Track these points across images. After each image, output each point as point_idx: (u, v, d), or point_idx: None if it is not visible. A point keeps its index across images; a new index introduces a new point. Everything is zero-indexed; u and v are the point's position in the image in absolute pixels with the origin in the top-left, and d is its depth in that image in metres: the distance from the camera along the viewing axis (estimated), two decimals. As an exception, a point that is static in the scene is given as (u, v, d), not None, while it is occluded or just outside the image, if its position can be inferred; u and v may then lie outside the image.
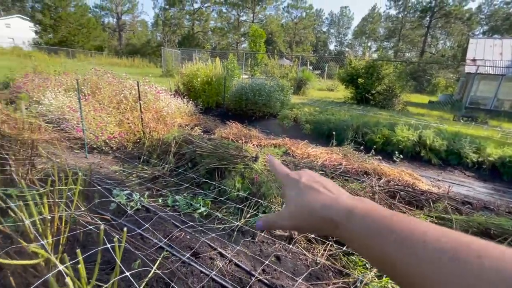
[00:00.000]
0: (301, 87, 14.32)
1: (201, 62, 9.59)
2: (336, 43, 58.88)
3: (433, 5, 37.61)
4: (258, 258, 2.36)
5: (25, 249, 1.40)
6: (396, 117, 7.35)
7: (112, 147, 4.68)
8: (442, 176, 4.66)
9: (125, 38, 50.07)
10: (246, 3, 44.88)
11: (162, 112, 6.01)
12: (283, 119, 7.19)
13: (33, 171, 2.71)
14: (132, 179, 3.46)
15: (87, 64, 19.55)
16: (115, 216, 2.56)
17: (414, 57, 41.61)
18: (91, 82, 7.11)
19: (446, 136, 5.31)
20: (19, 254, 1.45)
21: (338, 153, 4.63)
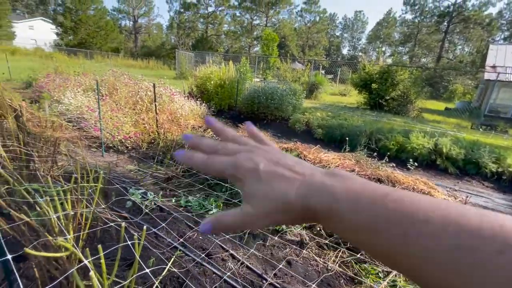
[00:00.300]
0: (313, 91, 14.27)
1: (214, 65, 9.73)
2: (349, 48, 58.38)
3: (451, 10, 36.71)
4: (269, 262, 2.37)
5: (50, 242, 1.46)
6: (411, 124, 7.20)
7: (127, 147, 4.81)
8: (459, 186, 4.52)
9: (141, 41, 51.42)
10: (260, 7, 45.24)
11: (176, 114, 6.13)
12: (295, 123, 7.18)
13: (54, 167, 2.82)
14: (147, 178, 3.54)
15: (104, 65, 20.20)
16: (130, 214, 2.63)
17: (430, 63, 40.66)
18: (109, 83, 7.35)
19: (463, 145, 5.15)
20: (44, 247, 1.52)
21: (351, 159, 4.58)
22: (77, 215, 1.65)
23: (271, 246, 2.61)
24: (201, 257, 2.07)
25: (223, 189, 3.52)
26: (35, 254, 0.99)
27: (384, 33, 49.48)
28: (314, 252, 2.57)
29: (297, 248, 2.60)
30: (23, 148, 2.21)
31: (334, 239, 2.70)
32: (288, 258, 2.42)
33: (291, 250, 2.57)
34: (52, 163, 2.76)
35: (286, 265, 2.36)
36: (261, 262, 2.34)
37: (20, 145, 2.26)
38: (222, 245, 2.36)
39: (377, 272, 2.30)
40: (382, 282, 2.16)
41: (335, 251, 2.56)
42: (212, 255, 2.21)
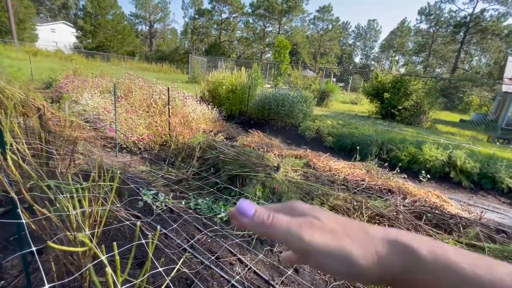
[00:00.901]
0: (324, 99, 14.22)
1: (227, 71, 9.87)
2: (361, 56, 58.03)
3: (468, 21, 36.07)
4: (276, 268, 2.37)
5: (67, 237, 1.52)
6: (424, 135, 7.06)
7: (140, 148, 4.93)
8: (473, 200, 4.39)
9: (155, 45, 52.77)
10: (273, 15, 45.73)
11: (188, 117, 6.24)
12: (305, 130, 7.17)
13: (71, 166, 2.93)
14: (158, 180, 3.62)
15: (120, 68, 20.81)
16: (141, 214, 2.69)
17: (445, 73, 39.87)
18: (124, 85, 7.58)
19: (479, 158, 5.01)
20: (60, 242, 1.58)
21: (361, 169, 4.53)
22: (93, 213, 1.71)
23: (278, 253, 2.60)
24: (210, 260, 2.10)
25: (232, 193, 3.55)
26: (57, 248, 1.04)
27: (398, 42, 48.99)
28: (322, 261, 2.56)
29: (304, 256, 2.59)
30: (44, 146, 2.31)
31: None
32: (296, 265, 2.41)
33: (298, 257, 2.56)
34: (70, 161, 2.86)
35: (293, 272, 2.35)
36: (268, 268, 2.34)
37: (42, 143, 2.37)
38: (230, 249, 2.38)
39: (386, 285, 2.26)
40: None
41: (343, 261, 2.54)
42: (220, 258, 2.23)
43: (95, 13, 37.31)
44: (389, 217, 2.91)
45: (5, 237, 2.20)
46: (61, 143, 2.92)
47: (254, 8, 46.81)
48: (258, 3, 45.86)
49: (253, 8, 46.93)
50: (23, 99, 3.28)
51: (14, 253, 2.04)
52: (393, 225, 2.81)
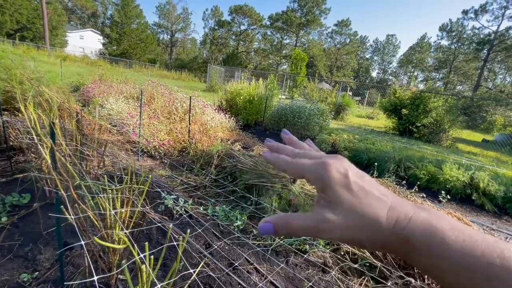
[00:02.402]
0: (340, 112, 14.17)
1: (245, 81, 10.11)
2: (379, 71, 57.53)
3: (492, 38, 35.17)
4: (291, 280, 2.38)
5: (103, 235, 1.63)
6: (444, 154, 6.88)
7: (160, 153, 5.11)
8: (497, 225, 4.22)
9: (175, 53, 54.75)
10: (291, 28, 46.51)
11: (206, 125, 6.42)
12: (321, 144, 7.17)
13: (100, 167, 3.10)
14: (178, 185, 3.74)
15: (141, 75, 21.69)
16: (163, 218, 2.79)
17: (467, 91, 38.72)
18: (147, 92, 7.92)
19: (503, 181, 4.83)
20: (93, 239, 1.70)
21: (378, 185, 4.47)
22: (125, 214, 1.82)
23: (293, 265, 2.62)
24: (232, 266, 2.15)
25: (248, 202, 3.61)
26: (102, 244, 1.13)
27: (417, 58, 48.31)
28: (337, 277, 2.54)
29: (319, 270, 2.58)
30: (80, 147, 2.49)
31: (358, 267, 2.65)
32: (312, 279, 2.42)
33: (314, 271, 2.56)
34: (99, 163, 3.04)
35: (310, 285, 2.35)
36: (283, 279, 2.36)
37: (77, 145, 2.55)
38: (247, 258, 2.42)
39: (404, 306, 2.21)
40: (409, 318, 2.07)
41: (360, 278, 2.51)
42: (237, 266, 2.28)
43: (121, 22, 39.42)
44: (407, 237, 2.86)
45: (38, 231, 2.35)
46: (93, 145, 3.11)
47: (273, 20, 47.83)
48: (277, 16, 46.87)
49: (272, 20, 47.97)
50: (60, 103, 3.53)
51: (47, 246, 2.18)
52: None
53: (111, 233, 1.57)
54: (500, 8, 33.80)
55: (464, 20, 38.23)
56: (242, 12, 47.43)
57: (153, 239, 2.16)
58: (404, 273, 2.54)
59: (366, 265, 2.67)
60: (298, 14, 45.59)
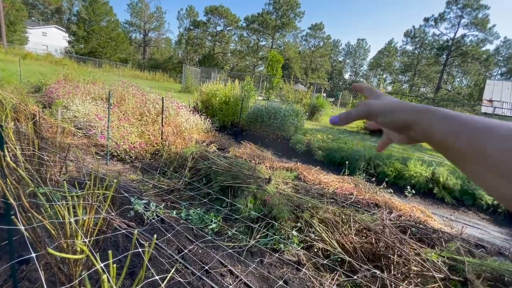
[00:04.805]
0: (315, 113, 14.56)
1: (220, 82, 10.03)
2: (351, 73, 60.01)
3: (450, 44, 38.25)
4: (266, 280, 2.39)
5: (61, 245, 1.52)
6: (409, 152, 7.34)
7: (131, 156, 4.90)
8: (455, 216, 4.57)
9: (149, 53, 52.91)
10: (267, 30, 47.01)
11: (181, 127, 6.27)
12: (296, 144, 7.31)
13: (62, 173, 2.90)
14: (150, 189, 3.61)
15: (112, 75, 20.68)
16: (132, 223, 2.67)
17: (430, 93, 41.69)
18: (117, 93, 7.56)
19: (460, 175, 5.26)
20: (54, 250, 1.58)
21: (350, 183, 4.66)
22: (87, 221, 1.72)
23: (268, 265, 2.63)
24: (202, 270, 2.11)
25: (223, 204, 3.58)
26: (56, 255, 1.06)
27: (385, 62, 51.10)
28: (311, 273, 2.59)
29: (294, 268, 2.63)
30: (38, 152, 2.31)
31: (331, 261, 2.73)
32: (285, 277, 2.45)
33: (288, 269, 2.60)
34: (61, 168, 2.84)
35: (283, 284, 2.38)
36: (258, 280, 2.36)
37: (35, 150, 2.36)
38: (221, 260, 2.39)
39: (372, 297, 2.32)
40: (377, 308, 2.18)
41: (332, 273, 2.59)
42: (211, 269, 2.25)
43: (89, 19, 37.28)
44: (375, 231, 3.00)
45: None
46: (53, 150, 2.90)
47: (249, 22, 48.03)
48: (253, 18, 47.15)
49: (248, 22, 48.16)
50: (15, 104, 3.26)
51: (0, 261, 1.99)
52: (379, 239, 2.90)
53: (71, 242, 1.47)
54: (456, 17, 36.93)
55: (426, 27, 41.23)
56: (218, 13, 47.07)
57: (120, 247, 2.06)
58: (372, 266, 2.67)
59: (338, 260, 2.76)
60: (273, 16, 46.22)
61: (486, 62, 37.20)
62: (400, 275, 2.54)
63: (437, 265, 2.62)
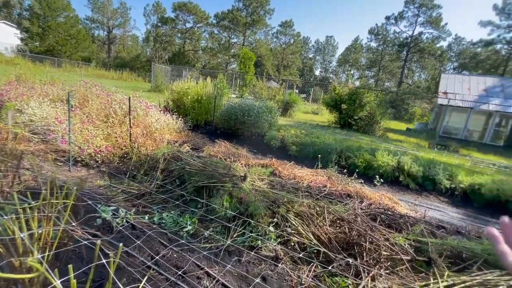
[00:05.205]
0: (288, 109, 14.80)
1: (192, 80, 9.78)
2: (321, 69, 61.80)
3: (409, 41, 40.98)
4: (244, 278, 2.38)
5: (12, 263, 1.37)
6: (377, 143, 7.75)
7: (97, 161, 4.60)
8: (419, 201, 4.92)
9: (114, 51, 50.01)
10: (238, 27, 46.69)
11: (151, 128, 6.01)
12: (271, 140, 7.37)
13: (16, 183, 2.63)
14: (118, 194, 3.41)
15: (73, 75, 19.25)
16: (100, 232, 2.50)
17: (393, 87, 44.41)
18: (79, 93, 7.04)
19: (422, 163, 5.66)
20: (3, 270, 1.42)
21: (323, 176, 4.80)
22: (44, 234, 1.57)
23: (246, 263, 2.62)
24: (176, 276, 2.04)
25: (198, 206, 3.50)
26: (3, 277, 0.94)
27: (352, 58, 53.34)
28: (289, 267, 2.63)
29: (272, 264, 2.64)
30: (-18, 162, 2.06)
31: (307, 254, 2.79)
32: (263, 274, 2.45)
33: (266, 265, 2.60)
34: (14, 178, 2.57)
35: (261, 281, 2.38)
36: (236, 279, 2.34)
37: (-21, 159, 2.11)
38: (197, 263, 2.33)
39: (347, 285, 2.41)
40: (352, 294, 2.26)
41: (309, 265, 2.64)
42: (186, 273, 2.18)
43: (44, 14, 34.21)
44: (348, 220, 3.12)
45: None
46: (3, 158, 2.62)
47: (219, 19, 47.33)
48: (223, 14, 46.53)
49: (218, 19, 47.44)
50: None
51: None
52: (352, 228, 3.02)
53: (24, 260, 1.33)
54: (414, 16, 39.63)
55: (387, 25, 43.70)
56: (186, 9, 45.70)
57: (85, 258, 1.92)
58: (346, 254, 2.77)
59: (314, 252, 2.82)
60: (244, 13, 45.99)
61: (440, 58, 40.48)
62: (372, 261, 2.67)
63: (404, 248, 2.80)
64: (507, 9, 30.60)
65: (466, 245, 2.87)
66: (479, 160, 7.85)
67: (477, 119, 13.72)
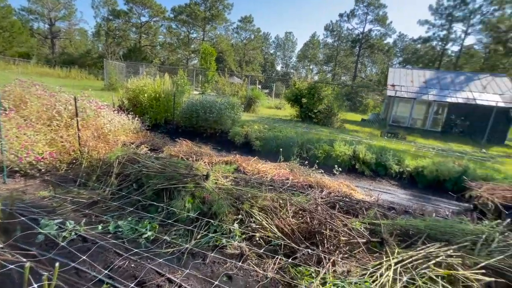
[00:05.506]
0: (251, 105, 14.85)
1: (148, 77, 9.24)
2: (282, 65, 63.07)
3: (360, 38, 43.91)
4: (209, 280, 2.33)
5: None
6: (335, 134, 8.19)
7: (40, 170, 4.11)
8: (373, 186, 5.33)
9: (60, 47, 45.02)
10: (197, 21, 45.25)
11: (103, 130, 5.56)
12: (234, 136, 7.33)
13: None
14: (66, 205, 3.09)
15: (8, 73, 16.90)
16: (42, 250, 2.24)
17: (349, 81, 47.29)
18: (14, 94, 6.20)
19: (375, 151, 6.13)
20: None
21: (286, 168, 4.92)
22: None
23: (211, 263, 2.57)
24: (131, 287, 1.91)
25: (158, 209, 3.33)
26: None
27: (311, 54, 55.38)
28: (254, 263, 2.64)
29: (238, 261, 2.63)
30: None
31: (272, 247, 2.84)
32: (229, 272, 2.44)
33: (231, 264, 2.59)
34: None
35: (226, 280, 2.36)
36: (200, 281, 2.29)
37: None
38: (157, 270, 2.22)
39: (310, 273, 2.50)
40: (314, 282, 2.36)
41: (273, 258, 2.69)
42: (146, 282, 2.06)
43: (-36, 3, 29.32)
44: (310, 210, 3.24)
45: None
46: None
47: (176, 13, 45.36)
48: (180, 8, 44.69)
49: (175, 13, 45.44)
50: None
51: None
52: (313, 217, 3.15)
53: None
54: (364, 14, 42.52)
55: (341, 22, 46.18)
56: (140, 2, 42.77)
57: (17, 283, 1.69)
58: (309, 243, 2.88)
59: (278, 245, 2.88)
60: (202, 8, 44.68)
61: (388, 53, 44.20)
62: (332, 247, 2.82)
63: (360, 232, 3.00)
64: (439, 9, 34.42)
65: (412, 223, 3.18)
66: (422, 145, 8.78)
67: (420, 108, 15.31)
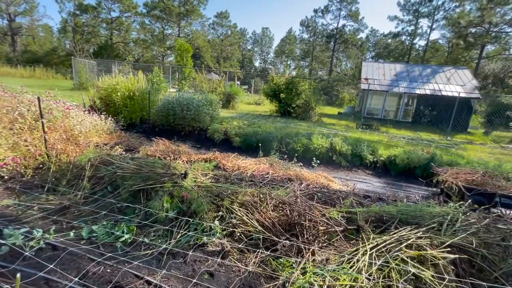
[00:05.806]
0: (230, 101, 14.75)
1: (121, 75, 8.85)
2: (260, 61, 63.11)
3: (335, 33, 44.99)
4: (191, 279, 2.31)
5: None
6: (313, 128, 8.37)
7: (2, 177, 3.82)
8: (349, 176, 5.53)
9: (22, 44, 41.73)
10: (171, 17, 43.87)
11: (73, 131, 5.26)
12: (214, 133, 7.26)
13: None
14: (33, 212, 2.90)
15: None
16: (7, 262, 2.09)
17: (325, 75, 48.39)
18: (-33, 96, 5.68)
19: (350, 142, 6.35)
20: None
21: (265, 163, 4.96)
22: None
23: (192, 262, 2.54)
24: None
25: (136, 211, 3.23)
26: None
27: (288, 49, 55.91)
28: (236, 258, 2.65)
29: (219, 258, 2.62)
30: None
31: (253, 241, 2.86)
32: (210, 270, 2.42)
33: (213, 261, 2.58)
34: None
35: (208, 277, 2.35)
36: (181, 281, 2.26)
37: None
38: (135, 273, 2.16)
39: (291, 264, 2.56)
40: (295, 272, 2.41)
41: (255, 252, 2.72)
42: (123, 287, 2.00)
43: None
44: (289, 203, 3.30)
45: None
46: None
47: (149, 8, 43.67)
48: (153, 3, 43.07)
49: (148, 8, 43.73)
50: None
51: None
52: (293, 209, 3.21)
53: None
54: (337, 10, 43.57)
55: (316, 18, 47.01)
56: (109, -4, 40.69)
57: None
58: (289, 235, 2.94)
59: (259, 239, 2.91)
60: (176, 3, 43.35)
61: (361, 48, 45.74)
62: (312, 237, 2.90)
63: (338, 221, 3.10)
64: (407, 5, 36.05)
65: (385, 209, 3.35)
66: (394, 135, 9.23)
67: (392, 100, 16.06)
